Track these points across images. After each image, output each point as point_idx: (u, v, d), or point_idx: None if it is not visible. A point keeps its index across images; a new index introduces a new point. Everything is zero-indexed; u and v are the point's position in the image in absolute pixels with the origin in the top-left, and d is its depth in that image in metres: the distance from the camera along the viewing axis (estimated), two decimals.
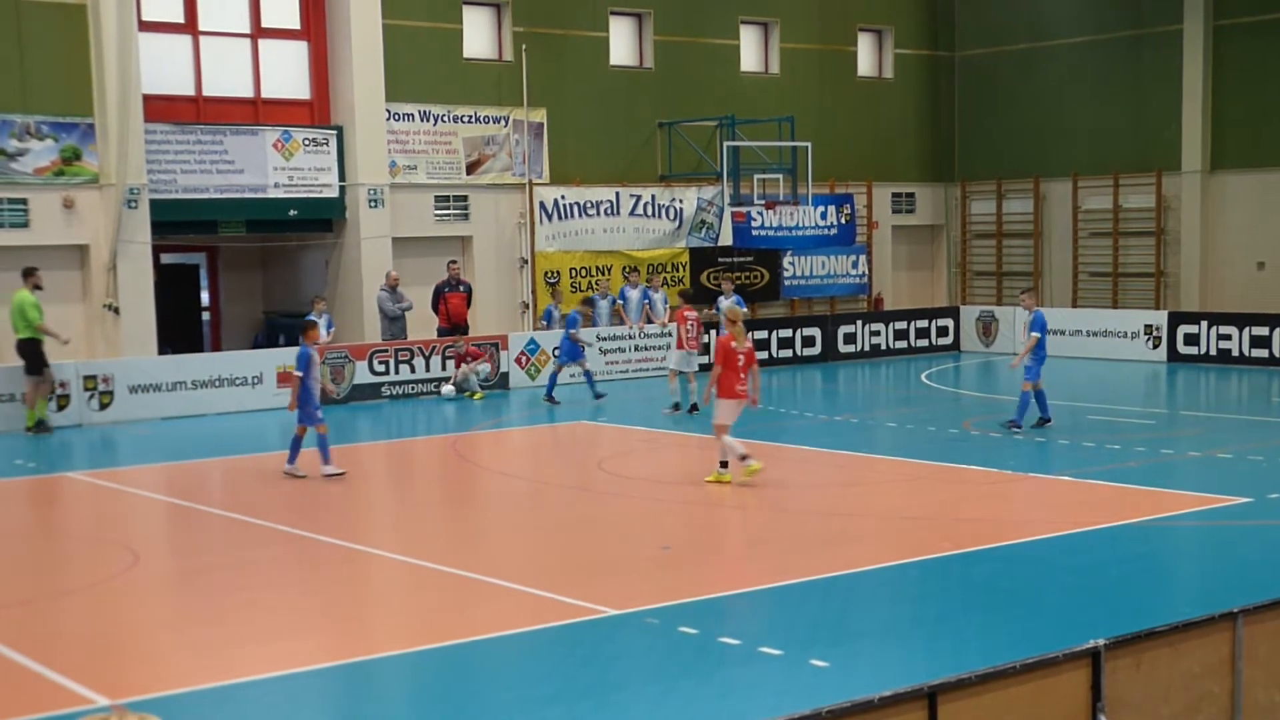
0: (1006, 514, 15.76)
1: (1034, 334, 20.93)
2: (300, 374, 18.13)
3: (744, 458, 17.04)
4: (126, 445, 22.21)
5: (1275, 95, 31.73)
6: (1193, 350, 30.18)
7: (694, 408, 23.45)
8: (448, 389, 26.49)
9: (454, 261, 28.31)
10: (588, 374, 25.94)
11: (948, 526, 15.09)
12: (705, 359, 25.63)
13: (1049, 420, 21.11)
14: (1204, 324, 30.39)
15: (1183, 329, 30.51)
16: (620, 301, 29.08)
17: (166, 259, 29.23)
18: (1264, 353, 29.32)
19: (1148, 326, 30.99)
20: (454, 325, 27.58)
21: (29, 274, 23.11)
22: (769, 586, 12.54)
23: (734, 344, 17.41)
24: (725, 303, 26.16)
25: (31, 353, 22.57)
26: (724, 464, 17.32)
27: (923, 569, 13.23)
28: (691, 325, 23.80)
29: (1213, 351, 30.03)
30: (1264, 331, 29.45)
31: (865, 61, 36.21)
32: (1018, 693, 7.04)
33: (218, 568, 13.95)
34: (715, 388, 17.52)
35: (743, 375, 17.41)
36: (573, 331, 25.82)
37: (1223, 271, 32.94)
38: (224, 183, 26.71)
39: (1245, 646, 7.98)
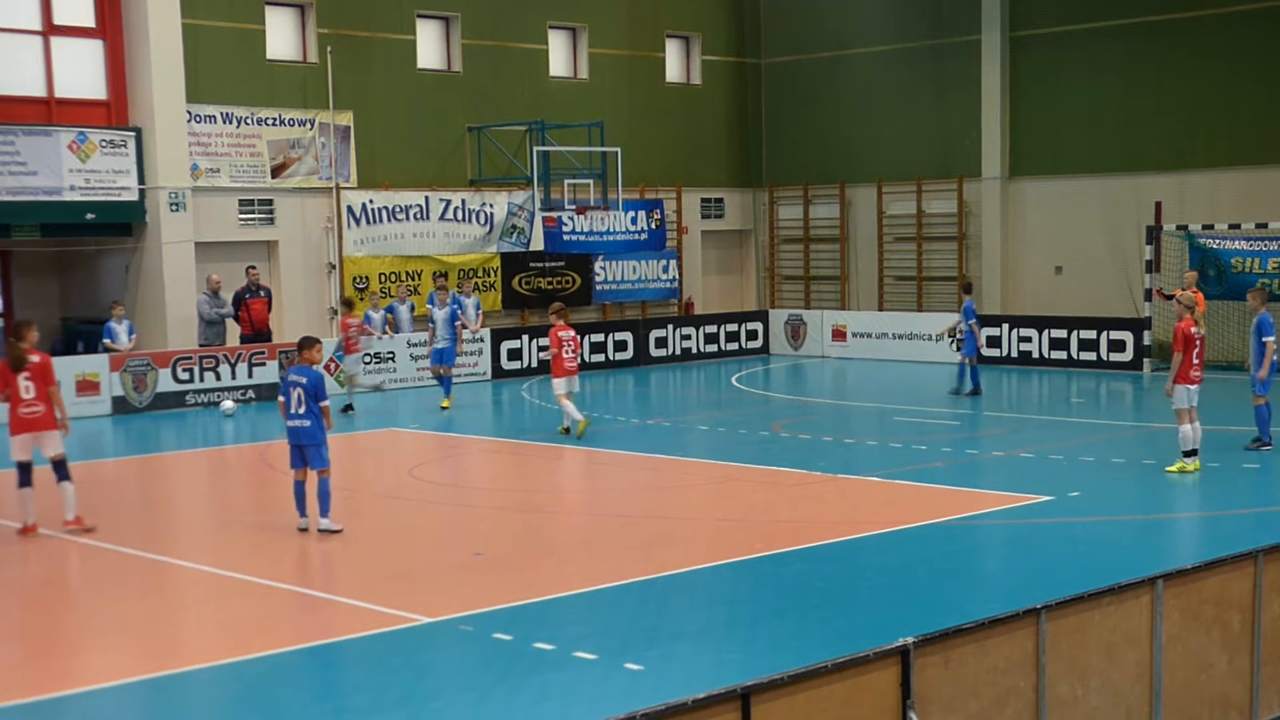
0: (818, 515, 15.93)
1: (1268, 339, 18.36)
2: (326, 403, 15.29)
3: (1192, 453, 17.03)
4: None
5: (1069, 104, 32.65)
6: (995, 352, 30.89)
7: (567, 431, 21.45)
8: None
9: (252, 267, 27.72)
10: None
11: (760, 528, 15.20)
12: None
13: None
14: (1005, 326, 31.16)
15: (985, 331, 31.16)
16: (430, 307, 28.58)
17: None
18: (1062, 354, 30.15)
19: (951, 329, 31.60)
20: (257, 332, 27.06)
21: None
22: (583, 591, 12.49)
23: (1194, 330, 17.13)
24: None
25: None
26: (1192, 452, 17.09)
27: (736, 570, 13.29)
28: (569, 344, 21.46)
29: (1014, 353, 30.80)
30: (1062, 334, 30.28)
31: (673, 67, 36.42)
32: (829, 692, 7.08)
33: (14, 582, 13.48)
34: (1176, 374, 17.10)
35: (1196, 360, 17.19)
36: None
37: (1022, 275, 33.81)
38: (16, 185, 25.78)
39: (1048, 642, 8.15)
